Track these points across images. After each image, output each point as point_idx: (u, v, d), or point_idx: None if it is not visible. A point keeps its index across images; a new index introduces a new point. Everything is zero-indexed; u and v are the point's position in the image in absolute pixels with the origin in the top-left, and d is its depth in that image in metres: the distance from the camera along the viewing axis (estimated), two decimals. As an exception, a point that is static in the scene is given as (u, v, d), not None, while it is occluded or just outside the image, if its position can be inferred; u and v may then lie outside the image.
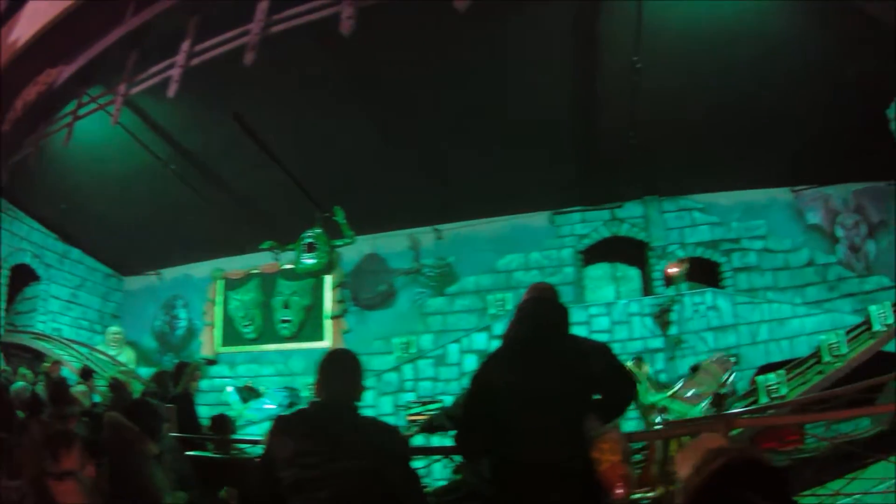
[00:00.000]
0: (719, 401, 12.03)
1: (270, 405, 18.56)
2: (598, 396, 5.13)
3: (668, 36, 14.51)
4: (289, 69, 14.84)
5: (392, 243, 22.22)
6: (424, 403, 16.67)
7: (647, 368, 12.97)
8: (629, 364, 12.51)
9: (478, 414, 5.19)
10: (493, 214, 21.28)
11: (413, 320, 21.31)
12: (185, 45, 14.17)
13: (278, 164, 15.54)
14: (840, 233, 19.88)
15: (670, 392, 12.43)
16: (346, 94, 16.05)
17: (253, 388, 19.95)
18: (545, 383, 4.94)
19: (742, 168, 19.22)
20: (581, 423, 4.91)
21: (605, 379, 5.06)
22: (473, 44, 14.60)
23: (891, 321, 12.12)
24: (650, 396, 12.18)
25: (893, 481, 7.51)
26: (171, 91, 14.04)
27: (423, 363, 18.42)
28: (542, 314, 5.30)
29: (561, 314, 5.34)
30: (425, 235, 22.05)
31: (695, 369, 12.80)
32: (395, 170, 18.17)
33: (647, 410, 12.13)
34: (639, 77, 14.56)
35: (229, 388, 19.85)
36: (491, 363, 5.35)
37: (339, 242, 17.13)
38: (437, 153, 17.86)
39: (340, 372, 4.73)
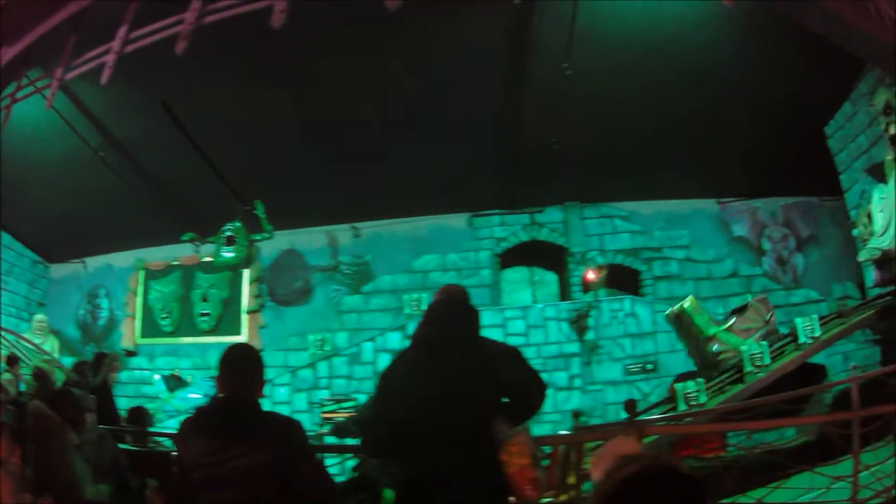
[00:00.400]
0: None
1: (196, 394, 18.42)
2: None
3: (601, 44, 14.48)
4: (218, 60, 14.70)
5: (310, 239, 22.10)
6: (338, 401, 16.76)
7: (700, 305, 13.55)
8: (689, 300, 13.38)
9: (385, 414, 5.13)
10: (411, 214, 21.30)
11: (329, 317, 21.21)
12: (122, 32, 14.04)
13: (202, 155, 15.44)
14: (767, 245, 20.15)
15: (725, 326, 13.15)
16: (272, 88, 15.81)
17: (180, 378, 19.77)
18: (452, 385, 4.88)
19: (667, 178, 19.41)
20: (489, 425, 4.86)
21: (514, 383, 5.01)
22: (403, 43, 14.49)
23: (817, 334, 12.27)
24: (711, 328, 12.95)
25: (819, 492, 7.63)
26: (105, 78, 13.90)
27: (337, 361, 18.47)
28: (451, 316, 5.25)
29: (471, 316, 5.31)
30: (343, 233, 21.96)
31: (742, 309, 13.48)
32: (315, 166, 18.05)
33: (707, 341, 12.86)
34: (567, 84, 14.55)
35: (156, 377, 19.61)
36: (399, 364, 5.35)
37: (257, 237, 17.12)
38: (357, 151, 17.72)
39: (240, 368, 4.61)
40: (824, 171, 16.60)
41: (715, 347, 12.79)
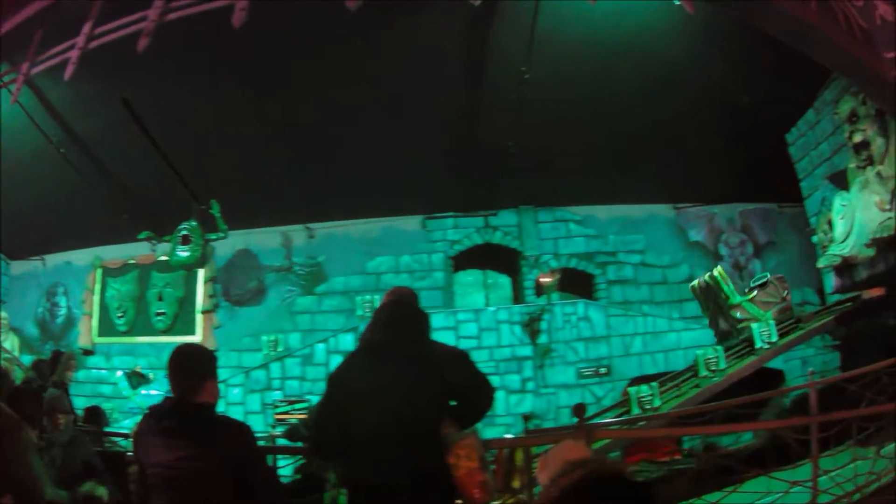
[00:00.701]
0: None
1: (157, 391, 18.29)
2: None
3: (560, 48, 14.32)
4: (178, 59, 14.60)
5: (264, 240, 21.98)
6: (291, 402, 16.61)
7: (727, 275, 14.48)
8: (718, 269, 14.22)
9: (332, 415, 5.18)
10: (365, 216, 21.24)
11: (282, 318, 21.14)
12: (87, 28, 13.96)
13: (160, 153, 15.35)
14: (724, 251, 20.29)
15: (749, 297, 13.92)
16: (230, 87, 15.63)
17: (142, 374, 19.61)
18: (401, 388, 4.88)
19: (624, 183, 19.46)
20: (437, 428, 4.87)
21: (462, 386, 5.01)
22: (361, 43, 14.26)
23: (774, 339, 12.35)
24: (737, 297, 13.85)
25: (777, 496, 7.63)
26: (68, 73, 13.81)
27: (290, 361, 18.29)
28: (400, 318, 5.26)
29: (420, 319, 5.34)
30: (297, 233, 21.90)
31: (763, 284, 14.24)
32: (271, 166, 17.98)
33: (733, 308, 13.70)
34: (525, 87, 14.53)
35: (119, 373, 19.35)
36: (347, 366, 5.38)
37: (212, 236, 16.91)
38: (312, 151, 17.69)
39: (186, 368, 4.61)
40: (783, 177, 16.72)
41: (738, 315, 13.51)
